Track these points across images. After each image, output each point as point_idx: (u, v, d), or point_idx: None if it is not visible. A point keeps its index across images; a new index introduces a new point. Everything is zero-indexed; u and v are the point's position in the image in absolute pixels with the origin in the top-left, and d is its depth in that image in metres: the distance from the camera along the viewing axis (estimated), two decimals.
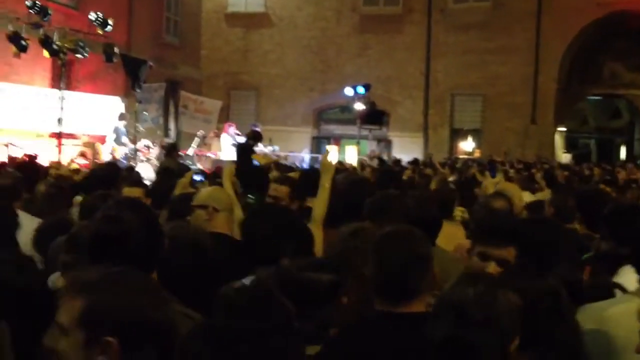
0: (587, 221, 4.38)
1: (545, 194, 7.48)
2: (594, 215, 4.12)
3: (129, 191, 5.28)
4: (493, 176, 7.10)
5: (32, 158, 11.38)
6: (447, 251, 3.85)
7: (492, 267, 2.75)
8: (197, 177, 5.25)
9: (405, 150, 21.02)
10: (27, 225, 4.13)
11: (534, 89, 21.91)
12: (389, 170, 8.34)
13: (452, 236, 4.19)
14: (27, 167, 6.06)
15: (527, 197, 7.21)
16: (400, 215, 3.65)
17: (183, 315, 2.19)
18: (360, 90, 18.18)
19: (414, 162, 15.56)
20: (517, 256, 2.81)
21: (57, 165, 7.07)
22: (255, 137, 11.68)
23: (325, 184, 4.28)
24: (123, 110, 17.07)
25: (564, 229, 3.42)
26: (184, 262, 2.55)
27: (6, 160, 12.21)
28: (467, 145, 23.36)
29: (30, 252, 3.87)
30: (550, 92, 21.88)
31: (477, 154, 21.93)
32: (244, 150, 10.90)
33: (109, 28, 13.64)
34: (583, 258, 3.38)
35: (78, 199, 5.28)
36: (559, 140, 24.18)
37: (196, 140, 18.00)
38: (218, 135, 18.77)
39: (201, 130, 18.52)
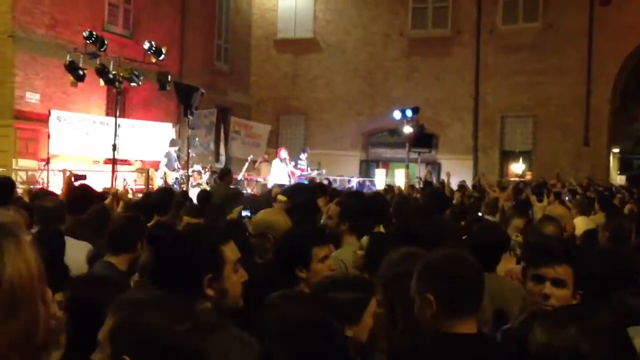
0: None
1: (599, 217, 7.33)
2: None
3: (188, 220, 5.37)
4: (540, 200, 6.98)
5: (82, 181, 11.70)
6: (505, 278, 3.81)
7: (548, 288, 2.76)
8: (245, 213, 5.27)
9: (455, 172, 20.81)
10: (72, 249, 4.25)
11: (586, 110, 21.52)
12: (436, 193, 8.28)
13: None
14: (79, 192, 6.20)
15: (582, 221, 7.07)
16: (460, 240, 3.67)
17: (237, 339, 2.23)
18: (409, 113, 18.13)
19: (461, 186, 15.41)
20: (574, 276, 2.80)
21: (116, 191, 7.20)
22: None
23: None
24: (174, 136, 17.42)
25: (618, 255, 3.37)
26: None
27: (62, 185, 12.57)
28: (517, 167, 23.03)
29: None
30: (603, 113, 21.46)
31: (528, 177, 21.58)
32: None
33: (162, 57, 13.97)
34: None
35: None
36: (612, 162, 23.64)
37: (246, 164, 18.22)
38: (267, 160, 18.96)
39: (251, 155, 18.74)
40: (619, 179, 23.29)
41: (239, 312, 2.42)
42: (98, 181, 13.36)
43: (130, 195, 7.34)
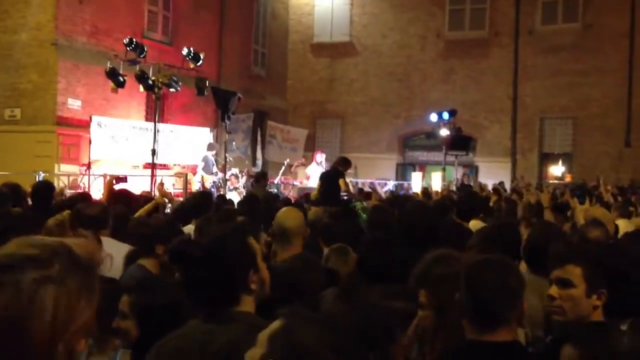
0: None
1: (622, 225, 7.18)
2: None
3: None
4: (581, 202, 6.86)
5: (123, 183, 11.87)
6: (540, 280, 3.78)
7: (553, 289, 2.77)
8: None
9: (492, 175, 20.64)
10: (116, 251, 4.35)
11: (627, 111, 21.12)
12: (472, 196, 8.21)
13: None
14: (121, 197, 6.32)
15: (622, 223, 6.95)
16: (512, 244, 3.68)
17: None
18: (445, 116, 18.05)
19: (495, 188, 15.21)
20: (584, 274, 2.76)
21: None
22: (345, 164, 11.73)
23: None
24: (212, 141, 17.59)
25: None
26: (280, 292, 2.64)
27: (103, 189, 12.80)
28: (557, 170, 22.70)
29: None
30: None
31: (568, 179, 21.26)
32: (330, 177, 11.01)
33: (200, 62, 14.13)
34: None
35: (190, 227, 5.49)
36: None
37: (283, 168, 18.30)
38: (304, 164, 19.02)
39: (288, 159, 18.82)
40: None
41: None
42: (137, 185, 13.59)
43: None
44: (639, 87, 20.84)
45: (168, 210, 7.72)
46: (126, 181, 11.84)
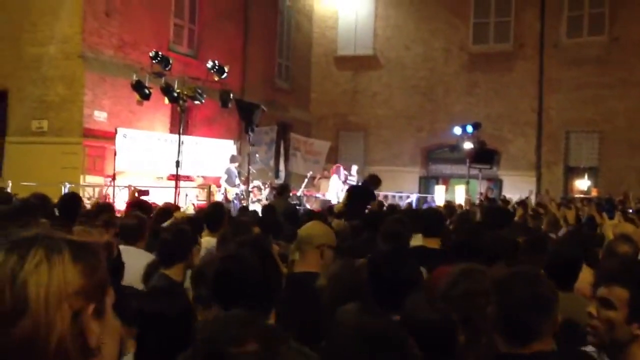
0: None
1: None
2: None
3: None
4: (611, 217, 6.78)
5: (145, 196, 11.99)
6: (580, 298, 3.73)
7: (592, 307, 2.53)
8: None
9: (517, 189, 20.46)
10: (143, 263, 4.39)
11: None
12: (497, 210, 8.15)
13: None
14: (137, 206, 6.38)
15: None
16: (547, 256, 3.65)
17: (299, 354, 2.25)
18: (469, 129, 17.98)
19: (522, 202, 15.11)
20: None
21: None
22: (376, 182, 11.74)
23: None
24: (235, 153, 17.67)
25: None
26: (302, 304, 2.63)
27: (127, 201, 12.92)
28: (583, 184, 22.44)
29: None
30: None
31: (594, 193, 20.98)
32: (362, 194, 10.99)
33: (225, 75, 14.24)
34: None
35: (207, 239, 5.51)
36: None
37: (306, 181, 18.32)
38: (327, 177, 19.03)
39: (311, 171, 18.85)
40: None
41: None
42: (161, 197, 13.70)
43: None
44: None
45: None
46: (148, 194, 11.96)
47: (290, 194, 15.33)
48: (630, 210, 11.94)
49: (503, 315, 2.36)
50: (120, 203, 13.44)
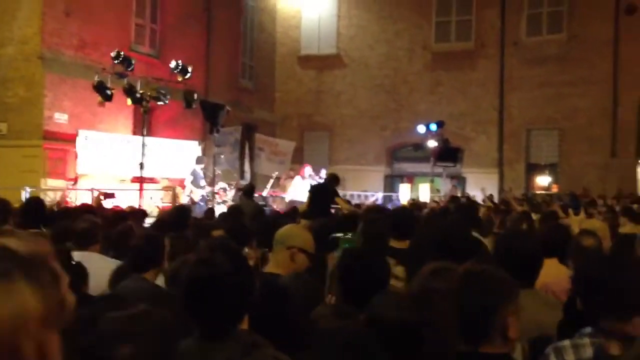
0: None
1: (627, 229, 7.23)
2: None
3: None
4: (577, 213, 6.91)
5: (111, 199, 11.83)
6: (543, 295, 3.76)
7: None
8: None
9: (480, 186, 20.70)
10: (104, 267, 4.31)
11: (613, 121, 21.27)
12: (466, 208, 8.22)
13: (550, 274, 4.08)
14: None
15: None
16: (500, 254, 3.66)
17: (273, 358, 2.23)
18: (433, 127, 18.14)
19: (489, 198, 15.33)
20: None
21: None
22: (335, 180, 11.80)
23: None
24: (200, 154, 17.54)
25: None
26: (276, 308, 2.61)
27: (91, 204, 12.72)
28: (543, 180, 22.82)
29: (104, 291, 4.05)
30: (631, 123, 21.20)
31: (554, 189, 21.37)
32: (324, 193, 11.03)
33: (188, 75, 14.11)
34: None
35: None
36: None
37: (271, 181, 18.27)
38: (292, 177, 19.00)
39: (276, 172, 18.80)
40: None
41: None
42: (125, 200, 13.52)
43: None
44: (625, 96, 21.01)
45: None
46: (114, 197, 11.79)
47: (256, 195, 15.27)
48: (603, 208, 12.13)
49: (458, 316, 2.38)
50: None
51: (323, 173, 19.05)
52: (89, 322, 1.95)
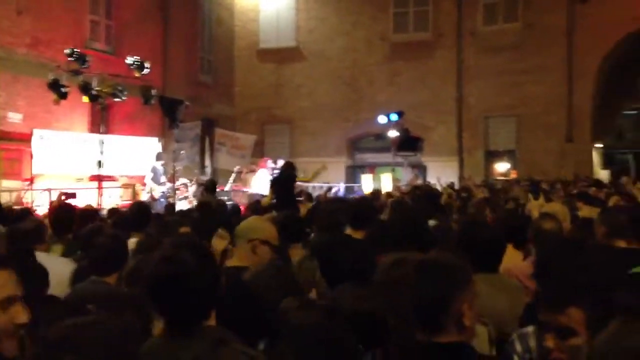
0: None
1: (585, 212, 7.36)
2: None
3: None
4: (536, 198, 7.03)
5: (68, 201, 11.63)
6: (508, 279, 3.81)
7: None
8: None
9: (441, 175, 20.90)
10: (55, 267, 4.22)
11: (569, 107, 21.67)
12: (429, 195, 8.31)
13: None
14: (62, 211, 6.15)
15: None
16: (463, 240, 3.68)
17: (242, 354, 2.22)
18: (394, 117, 18.26)
19: (450, 186, 15.50)
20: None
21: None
22: (292, 168, 11.83)
23: None
24: (160, 150, 17.35)
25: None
26: (241, 304, 2.59)
27: (47, 205, 12.50)
28: (502, 167, 23.16)
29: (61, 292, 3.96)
30: (585, 109, 21.63)
31: (513, 175, 21.70)
32: (285, 184, 11.03)
33: (145, 71, 13.93)
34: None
35: (132, 240, 5.37)
36: (596, 157, 23.82)
37: (233, 175, 18.17)
38: (253, 171, 18.93)
39: (237, 166, 18.70)
40: (602, 174, 23.44)
41: None
42: (84, 199, 13.30)
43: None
44: (579, 83, 21.40)
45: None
46: (75, 197, 11.59)
47: (218, 190, 15.17)
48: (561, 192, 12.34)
49: (412, 307, 2.38)
50: (41, 207, 12.99)
51: (280, 163, 19.01)
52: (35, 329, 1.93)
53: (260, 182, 17.76)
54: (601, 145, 24.53)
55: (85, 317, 1.80)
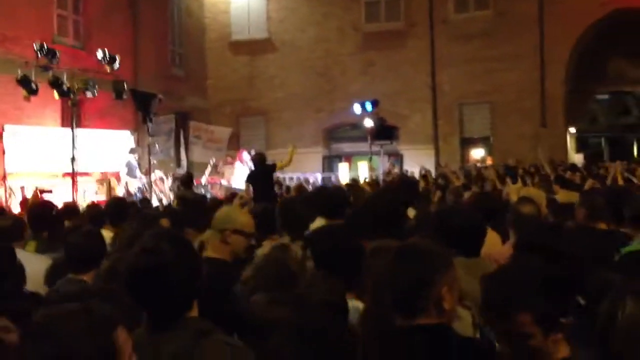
0: (615, 219, 4.36)
1: (562, 197, 7.42)
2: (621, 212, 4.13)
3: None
4: (514, 182, 7.09)
5: (49, 194, 11.49)
6: (487, 264, 3.81)
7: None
8: None
9: (417, 162, 21.01)
10: (31, 264, 4.15)
11: (541, 93, 21.89)
12: (409, 183, 8.34)
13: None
14: (40, 208, 6.08)
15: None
16: (443, 227, 3.67)
17: (229, 345, 2.20)
18: (369, 106, 18.24)
19: (423, 175, 15.57)
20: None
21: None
22: (262, 158, 11.84)
23: None
24: (134, 144, 17.18)
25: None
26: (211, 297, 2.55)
27: (20, 202, 12.31)
28: (478, 153, 23.33)
29: (39, 289, 3.91)
30: (558, 95, 21.87)
31: (488, 162, 21.87)
32: (261, 177, 10.99)
33: (116, 65, 13.76)
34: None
35: (108, 234, 5.31)
36: (570, 142, 24.09)
37: (209, 168, 18.07)
38: (230, 163, 18.83)
39: (213, 159, 18.60)
40: (576, 158, 23.73)
41: None
42: (59, 195, 13.11)
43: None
44: (552, 68, 21.62)
45: None
46: (52, 192, 11.46)
47: (195, 183, 15.06)
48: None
49: (390, 293, 2.39)
50: (15, 205, 12.80)
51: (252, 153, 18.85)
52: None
53: (238, 176, 17.67)
54: (574, 130, 24.79)
55: (67, 306, 1.75)
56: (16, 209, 11.82)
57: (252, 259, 3.89)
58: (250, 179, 11.48)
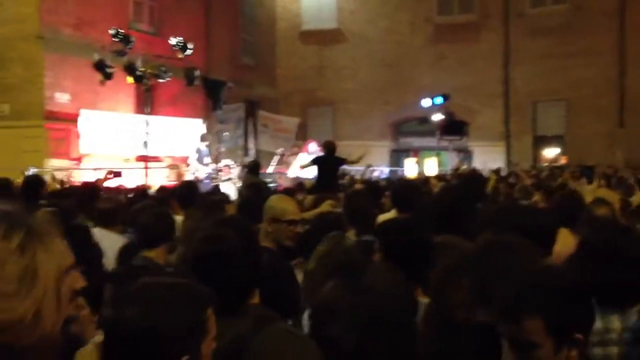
0: None
1: (637, 200, 7.13)
2: None
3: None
4: (590, 183, 6.82)
5: (118, 178, 11.78)
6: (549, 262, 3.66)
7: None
8: None
9: (487, 160, 20.57)
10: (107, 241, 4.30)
11: (620, 91, 21.11)
12: (477, 180, 8.14)
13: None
14: (85, 189, 6.30)
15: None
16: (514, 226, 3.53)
17: (288, 334, 2.15)
18: (438, 100, 17.98)
19: (496, 171, 15.20)
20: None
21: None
22: (333, 147, 11.39)
23: None
24: (204, 132, 17.42)
25: None
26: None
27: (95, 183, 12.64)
28: (551, 152, 22.68)
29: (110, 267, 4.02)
30: (637, 93, 21.00)
31: (562, 161, 21.24)
32: (326, 163, 10.77)
33: (189, 52, 13.95)
34: None
35: (178, 218, 5.39)
36: None
37: (276, 158, 18.16)
38: (296, 153, 18.88)
39: (281, 148, 18.68)
40: None
41: None
42: (131, 178, 13.44)
43: None
44: (631, 66, 20.80)
45: None
46: (120, 176, 11.75)
47: (261, 172, 15.15)
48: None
49: (478, 287, 2.26)
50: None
51: (312, 146, 18.76)
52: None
53: (295, 165, 17.70)
54: None
55: (167, 278, 1.76)
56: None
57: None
58: (317, 162, 11.08)
